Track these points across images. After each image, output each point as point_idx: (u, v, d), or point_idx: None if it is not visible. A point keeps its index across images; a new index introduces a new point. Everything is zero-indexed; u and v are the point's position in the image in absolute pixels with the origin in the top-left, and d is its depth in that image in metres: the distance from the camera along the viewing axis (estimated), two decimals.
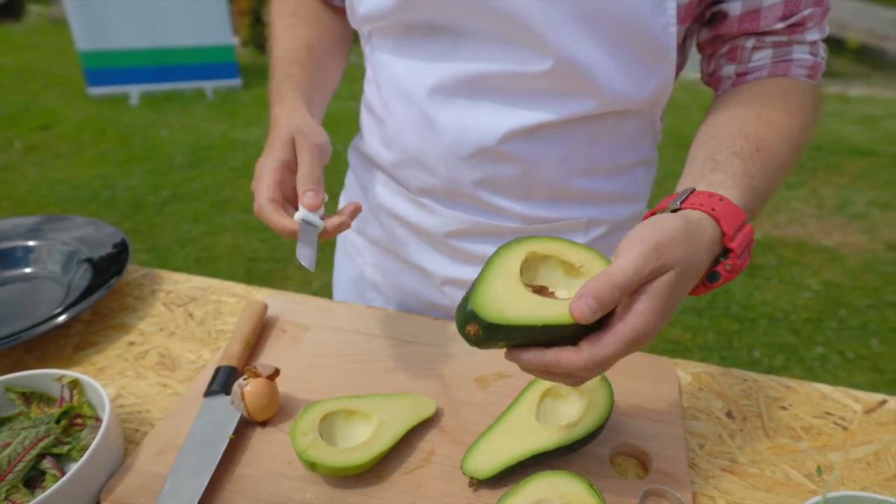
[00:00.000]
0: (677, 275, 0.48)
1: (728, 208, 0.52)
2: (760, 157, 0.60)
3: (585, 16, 0.63)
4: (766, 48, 0.69)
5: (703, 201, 0.53)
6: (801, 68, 0.70)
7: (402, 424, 0.63)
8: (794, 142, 0.64)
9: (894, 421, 0.68)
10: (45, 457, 0.60)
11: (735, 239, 0.52)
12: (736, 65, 0.71)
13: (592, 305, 0.44)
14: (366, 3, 0.72)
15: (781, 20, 0.66)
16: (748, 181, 0.57)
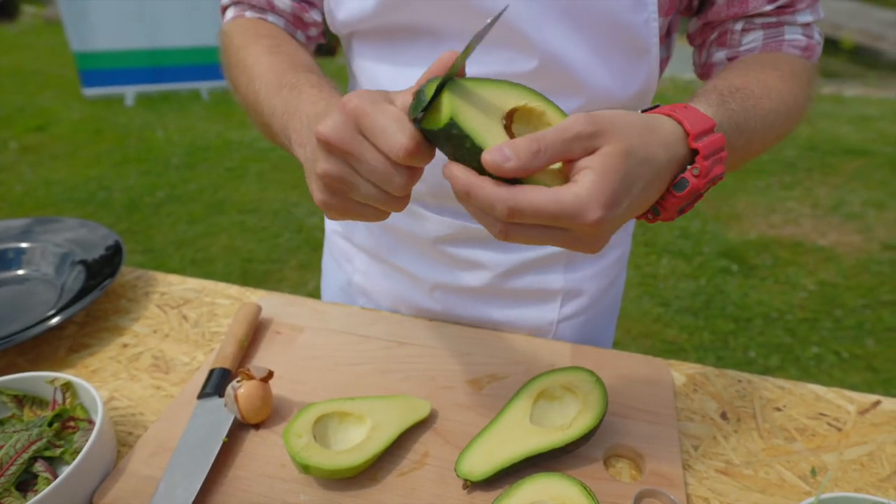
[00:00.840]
0: (623, 150, 0.43)
1: (692, 112, 0.49)
2: (740, 94, 0.57)
3: (567, 13, 0.63)
4: (755, 30, 0.69)
5: (665, 109, 0.50)
6: (793, 48, 0.68)
7: (396, 426, 0.63)
8: (784, 101, 0.61)
9: (888, 422, 0.68)
10: (38, 460, 0.60)
11: (701, 140, 0.48)
12: (727, 49, 0.71)
13: (507, 153, 0.40)
14: (346, 8, 0.72)
15: (770, 2, 0.66)
16: (723, 105, 0.54)
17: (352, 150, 0.45)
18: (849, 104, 5.49)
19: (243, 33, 0.74)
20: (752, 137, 0.58)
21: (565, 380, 0.65)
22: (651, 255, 3.16)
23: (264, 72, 0.66)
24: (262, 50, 0.69)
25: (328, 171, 0.47)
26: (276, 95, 0.62)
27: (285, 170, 4.07)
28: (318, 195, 0.50)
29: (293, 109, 0.58)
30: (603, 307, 0.93)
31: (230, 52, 0.74)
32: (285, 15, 0.78)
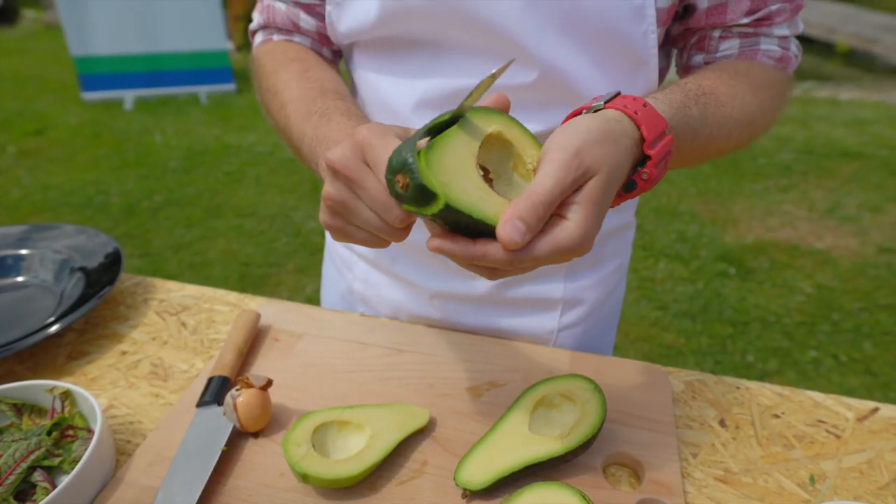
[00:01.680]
0: (605, 179, 0.46)
1: (650, 114, 0.51)
2: (705, 99, 0.60)
3: (567, 25, 0.64)
4: (732, 38, 0.70)
5: (628, 103, 0.51)
6: (767, 58, 0.70)
7: (395, 435, 0.63)
8: (748, 110, 0.64)
9: (887, 429, 0.69)
10: (36, 469, 0.60)
11: (655, 146, 0.51)
12: (704, 54, 0.73)
13: (521, 229, 0.43)
14: (347, 20, 0.72)
15: (747, 14, 0.67)
16: (683, 109, 0.57)
17: (354, 178, 0.48)
18: (844, 107, 5.51)
19: (273, 58, 0.77)
20: (706, 142, 0.61)
21: (564, 388, 0.66)
22: (648, 258, 3.16)
23: (295, 97, 0.69)
24: (292, 75, 0.72)
25: (330, 195, 0.49)
26: (306, 121, 0.65)
27: (283, 174, 4.07)
28: (322, 216, 0.52)
29: (322, 136, 0.61)
30: (603, 316, 0.93)
31: (262, 77, 0.77)
32: (310, 34, 0.80)
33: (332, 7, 0.73)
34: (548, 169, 0.45)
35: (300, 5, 0.78)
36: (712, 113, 0.60)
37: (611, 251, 0.88)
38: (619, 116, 0.50)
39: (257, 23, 0.83)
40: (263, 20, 0.82)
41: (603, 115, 0.50)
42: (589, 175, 0.46)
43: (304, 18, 0.79)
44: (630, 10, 0.63)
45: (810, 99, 5.81)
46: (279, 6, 0.80)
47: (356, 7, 0.71)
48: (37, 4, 9.16)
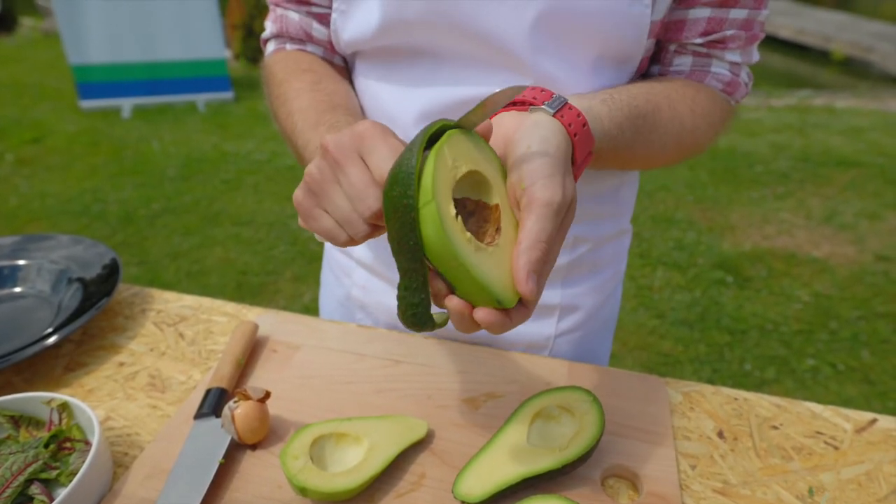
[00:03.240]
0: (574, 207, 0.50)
1: (586, 136, 0.54)
2: (643, 123, 0.64)
3: (567, 38, 0.65)
4: (686, 55, 0.73)
5: (572, 121, 0.53)
6: (716, 81, 0.73)
7: (394, 447, 0.63)
8: (680, 137, 0.68)
9: (885, 440, 0.69)
10: (34, 482, 0.59)
11: (579, 167, 0.55)
12: (659, 65, 0.75)
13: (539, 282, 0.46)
14: (350, 29, 0.73)
15: (702, 35, 0.69)
16: (618, 131, 0.60)
17: (341, 161, 0.49)
18: (840, 115, 5.54)
19: (285, 67, 0.78)
20: (626, 158, 0.66)
21: (562, 399, 0.66)
22: (646, 266, 3.17)
23: (304, 107, 0.70)
24: (303, 86, 0.73)
25: (312, 173, 0.52)
26: (313, 130, 0.66)
27: (280, 182, 4.08)
28: (296, 192, 0.54)
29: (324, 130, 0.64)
30: (600, 322, 0.93)
31: (272, 85, 0.78)
32: (323, 44, 0.81)
33: (338, 15, 0.74)
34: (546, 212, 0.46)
35: (313, 15, 0.79)
36: (643, 136, 0.64)
37: (607, 257, 0.89)
38: (564, 136, 0.52)
39: (270, 32, 0.84)
40: (276, 29, 0.82)
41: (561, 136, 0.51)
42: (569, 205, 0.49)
43: (317, 28, 0.80)
44: (629, 20, 0.64)
45: (807, 107, 5.84)
46: (293, 16, 0.80)
47: (359, 16, 0.72)
48: (35, 12, 9.19)
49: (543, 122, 0.52)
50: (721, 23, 0.68)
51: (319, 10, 0.79)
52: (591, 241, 0.83)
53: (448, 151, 0.47)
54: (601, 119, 0.59)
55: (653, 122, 0.65)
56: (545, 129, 0.51)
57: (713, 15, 0.68)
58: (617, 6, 0.63)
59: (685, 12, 0.68)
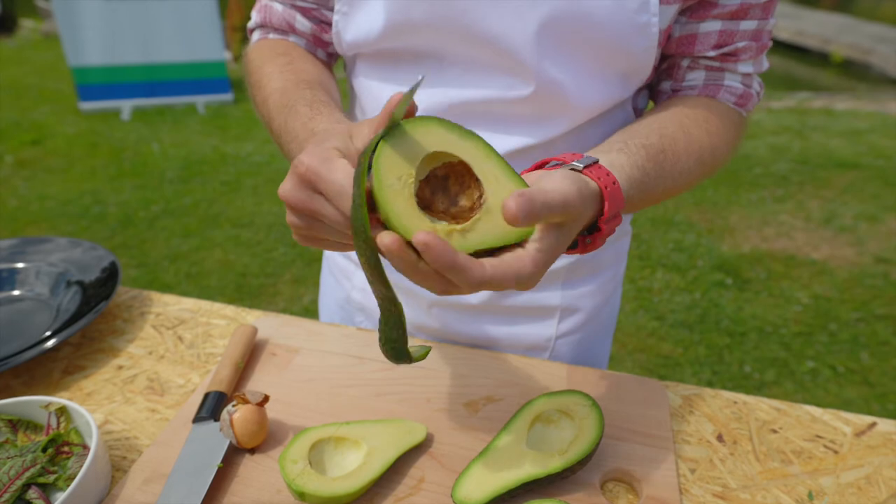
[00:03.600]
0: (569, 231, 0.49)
1: (616, 193, 0.53)
2: (664, 157, 0.63)
3: (570, 43, 0.65)
4: (699, 69, 0.73)
5: (602, 176, 0.53)
6: (729, 94, 0.73)
7: (393, 451, 0.63)
8: (701, 158, 0.68)
9: (884, 444, 0.69)
10: (31, 486, 0.59)
11: (609, 222, 0.53)
12: (672, 81, 0.75)
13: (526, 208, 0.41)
14: (352, 30, 0.73)
15: (714, 48, 0.69)
16: (642, 177, 0.60)
17: (310, 210, 0.49)
18: (839, 117, 5.54)
19: (261, 54, 0.79)
20: (657, 196, 0.64)
21: (561, 403, 0.66)
22: (645, 268, 3.17)
23: (274, 89, 0.70)
24: (275, 69, 0.73)
25: (293, 223, 0.52)
26: (280, 114, 0.67)
27: (280, 183, 4.06)
28: (294, 236, 0.54)
29: (290, 131, 0.64)
30: (599, 324, 0.93)
31: (250, 72, 0.78)
32: (305, 36, 0.81)
33: (340, 17, 0.74)
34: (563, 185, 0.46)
35: (297, 8, 0.80)
36: (667, 170, 0.64)
37: (608, 259, 0.89)
38: (597, 190, 0.52)
39: (254, 21, 0.84)
40: (260, 19, 0.83)
41: (587, 183, 0.51)
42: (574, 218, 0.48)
43: (300, 20, 0.80)
44: (635, 29, 0.64)
45: (806, 109, 5.84)
46: (276, 7, 0.81)
47: (362, 18, 0.71)
48: (35, 14, 9.19)
49: (571, 174, 0.51)
50: (732, 35, 0.68)
51: (304, 4, 0.79)
52: None
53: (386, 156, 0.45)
54: (624, 168, 0.58)
55: (673, 155, 0.64)
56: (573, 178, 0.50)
57: (724, 27, 0.68)
58: (623, 15, 0.63)
59: (696, 26, 0.68)
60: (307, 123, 0.62)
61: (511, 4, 0.63)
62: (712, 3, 0.66)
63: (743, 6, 0.66)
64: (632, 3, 0.62)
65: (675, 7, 0.65)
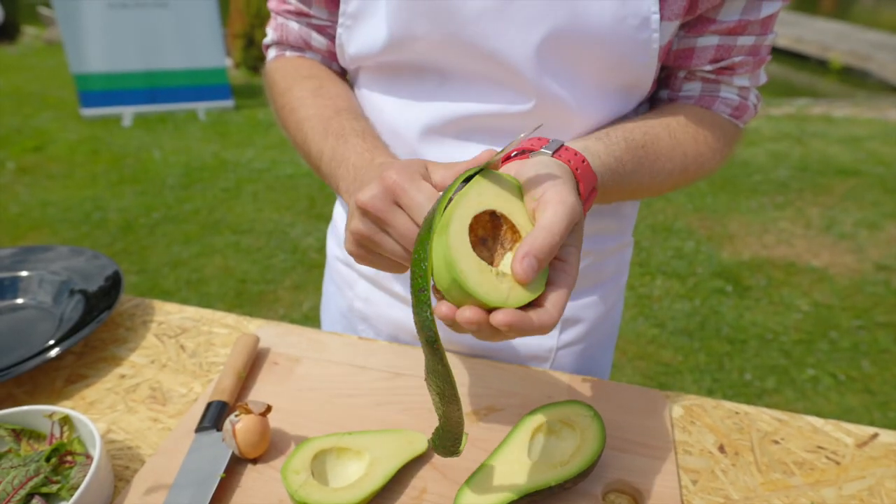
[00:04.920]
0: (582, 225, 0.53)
1: (586, 172, 0.56)
2: (644, 153, 0.65)
3: (571, 59, 0.65)
4: (695, 81, 0.74)
5: (571, 158, 0.55)
6: (725, 106, 0.74)
7: (395, 461, 0.63)
8: (685, 163, 0.69)
9: (886, 455, 0.69)
10: (35, 496, 0.59)
11: (586, 201, 0.56)
12: (668, 90, 0.76)
13: (534, 266, 0.45)
14: (355, 43, 0.74)
15: (711, 62, 0.70)
16: (617, 165, 0.61)
17: (386, 219, 0.52)
18: (839, 124, 5.56)
19: (286, 74, 0.80)
20: (633, 188, 0.66)
21: (563, 414, 0.66)
22: (645, 275, 3.17)
23: (311, 115, 0.72)
24: (306, 94, 0.75)
25: (360, 231, 0.54)
26: (324, 141, 0.69)
27: (280, 190, 4.08)
28: (348, 245, 0.56)
29: (340, 157, 0.66)
30: (601, 334, 0.93)
31: (276, 95, 0.80)
32: (321, 52, 0.83)
33: (343, 30, 0.75)
34: (559, 209, 0.48)
35: (312, 26, 0.81)
36: (646, 166, 0.66)
37: (610, 270, 0.89)
38: (567, 171, 0.54)
39: (271, 38, 0.86)
40: (277, 37, 0.84)
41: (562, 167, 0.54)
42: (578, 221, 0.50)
43: (316, 38, 0.82)
44: (636, 45, 0.64)
45: (805, 116, 5.86)
46: (293, 25, 0.82)
47: (365, 32, 0.72)
48: (37, 22, 9.23)
49: (545, 160, 0.54)
50: (729, 50, 0.69)
51: (318, 23, 0.80)
52: (593, 255, 0.84)
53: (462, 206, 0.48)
54: (598, 155, 0.60)
55: (654, 152, 0.66)
56: (548, 164, 0.53)
57: (721, 42, 0.68)
58: (624, 31, 0.63)
59: (694, 40, 0.69)
60: (363, 154, 0.64)
61: (512, 21, 0.63)
62: (711, 20, 0.67)
63: (741, 23, 0.66)
64: (633, 19, 0.62)
65: (675, 23, 0.65)
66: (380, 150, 0.66)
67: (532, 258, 0.45)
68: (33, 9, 9.79)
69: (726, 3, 0.65)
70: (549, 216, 0.47)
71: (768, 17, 0.67)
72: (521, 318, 0.45)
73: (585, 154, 0.58)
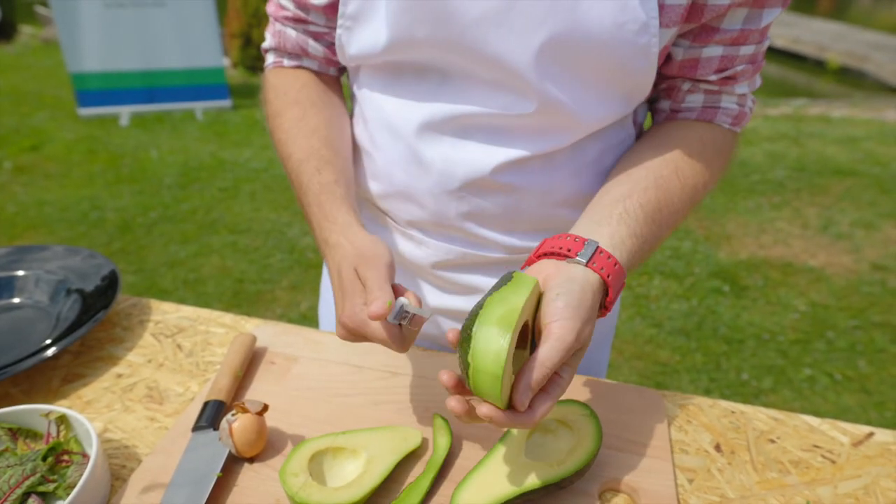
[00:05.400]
0: (586, 348, 0.58)
1: (618, 274, 0.60)
2: (660, 215, 0.67)
3: (571, 63, 0.66)
4: (698, 92, 0.74)
5: (604, 265, 0.59)
6: (726, 116, 0.75)
7: (391, 458, 0.63)
8: (694, 197, 0.71)
9: (882, 454, 0.69)
10: (31, 495, 0.59)
11: (613, 301, 0.60)
12: (671, 102, 0.76)
13: (530, 397, 0.52)
14: (356, 43, 0.74)
15: (716, 72, 0.70)
16: (640, 245, 0.64)
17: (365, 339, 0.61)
18: (836, 125, 5.56)
19: (278, 94, 0.82)
20: (653, 249, 0.68)
21: (559, 413, 0.66)
22: (643, 275, 3.17)
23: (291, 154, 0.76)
24: (291, 125, 0.78)
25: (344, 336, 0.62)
26: (298, 188, 0.74)
27: (277, 190, 4.08)
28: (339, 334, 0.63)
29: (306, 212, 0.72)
30: (599, 332, 0.93)
31: (269, 115, 0.82)
32: (318, 59, 0.84)
33: (343, 31, 0.75)
34: (557, 346, 0.53)
35: (309, 33, 0.81)
36: (663, 227, 0.68)
37: None
38: (597, 284, 0.58)
39: (269, 44, 0.86)
40: (275, 43, 0.84)
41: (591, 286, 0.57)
42: (580, 347, 0.56)
43: (313, 45, 0.82)
44: (636, 50, 0.64)
45: (802, 116, 5.86)
46: (290, 33, 0.82)
47: (366, 34, 0.72)
48: (35, 21, 9.21)
49: (577, 276, 0.57)
50: (732, 59, 0.69)
51: (316, 30, 0.80)
52: None
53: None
54: (625, 242, 0.62)
55: (668, 206, 0.67)
56: (577, 283, 0.57)
57: (725, 53, 0.69)
58: (623, 36, 0.63)
59: (699, 50, 0.69)
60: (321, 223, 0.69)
61: (513, 25, 0.63)
62: (715, 29, 0.67)
63: (744, 32, 0.67)
64: (633, 24, 0.63)
65: (674, 29, 0.65)
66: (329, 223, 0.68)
67: (527, 389, 0.52)
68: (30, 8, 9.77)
69: (729, 11, 0.65)
70: (546, 351, 0.52)
71: (767, 25, 0.68)
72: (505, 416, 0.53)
73: (615, 251, 0.60)
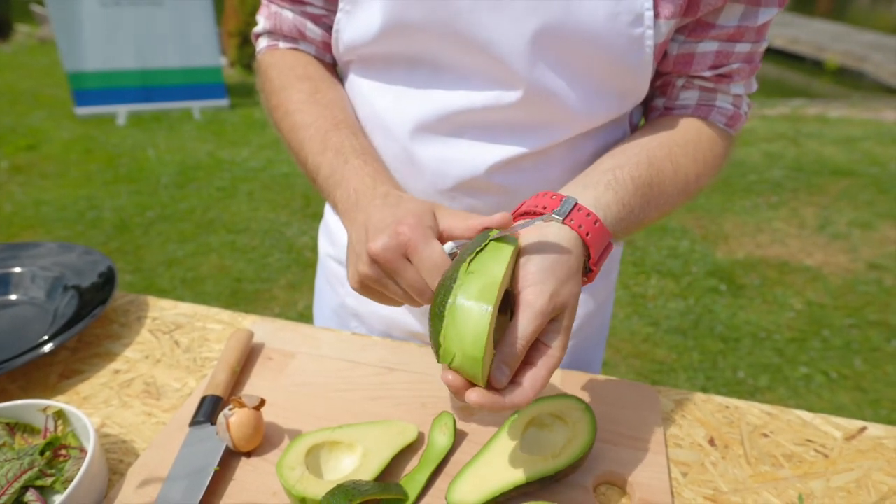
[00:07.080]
0: (573, 308, 0.54)
1: (599, 232, 0.57)
2: (650, 190, 0.65)
3: (564, 53, 0.66)
4: (693, 89, 0.74)
5: (582, 222, 0.56)
6: (721, 116, 0.74)
7: (387, 451, 0.64)
8: (686, 187, 0.70)
9: (874, 448, 0.69)
10: (29, 489, 0.60)
11: (598, 263, 0.58)
12: (665, 99, 0.76)
13: (506, 372, 0.50)
14: (350, 31, 0.73)
15: (711, 69, 0.70)
16: (627, 213, 0.62)
17: (396, 270, 0.56)
18: (834, 125, 5.58)
19: (281, 72, 0.79)
20: (639, 227, 0.67)
21: (555, 407, 0.66)
22: (640, 274, 3.18)
23: (307, 123, 0.73)
24: (302, 97, 0.75)
25: (368, 275, 0.58)
26: (321, 155, 0.70)
27: (275, 190, 4.08)
28: (352, 282, 0.60)
29: (339, 177, 0.67)
30: (593, 329, 0.94)
31: (270, 92, 0.79)
32: (315, 43, 0.82)
33: (343, 15, 0.74)
34: (529, 314, 0.51)
35: (307, 15, 0.80)
36: (653, 203, 0.66)
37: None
38: (575, 242, 0.56)
39: (262, 27, 0.84)
40: (270, 26, 0.82)
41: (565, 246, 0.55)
42: (560, 310, 0.53)
43: (311, 28, 0.80)
44: (629, 42, 0.65)
45: (800, 116, 5.88)
46: (286, 14, 0.80)
47: (362, 18, 0.71)
48: (31, 20, 9.19)
49: (551, 234, 0.55)
50: (728, 56, 0.69)
51: (314, 11, 0.79)
52: None
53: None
54: (610, 207, 0.60)
55: (659, 186, 0.66)
56: (550, 242, 0.55)
57: (720, 49, 0.69)
58: (617, 27, 0.63)
59: (694, 45, 0.69)
60: (364, 178, 0.66)
61: (507, 11, 0.64)
62: (710, 24, 0.67)
63: (739, 29, 0.67)
64: (626, 15, 0.63)
65: (670, 23, 0.65)
66: (381, 176, 0.66)
67: (504, 367, 0.50)
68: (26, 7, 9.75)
69: (726, 7, 0.66)
70: (520, 322, 0.51)
71: (763, 24, 0.68)
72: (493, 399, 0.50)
73: (598, 212, 0.58)
